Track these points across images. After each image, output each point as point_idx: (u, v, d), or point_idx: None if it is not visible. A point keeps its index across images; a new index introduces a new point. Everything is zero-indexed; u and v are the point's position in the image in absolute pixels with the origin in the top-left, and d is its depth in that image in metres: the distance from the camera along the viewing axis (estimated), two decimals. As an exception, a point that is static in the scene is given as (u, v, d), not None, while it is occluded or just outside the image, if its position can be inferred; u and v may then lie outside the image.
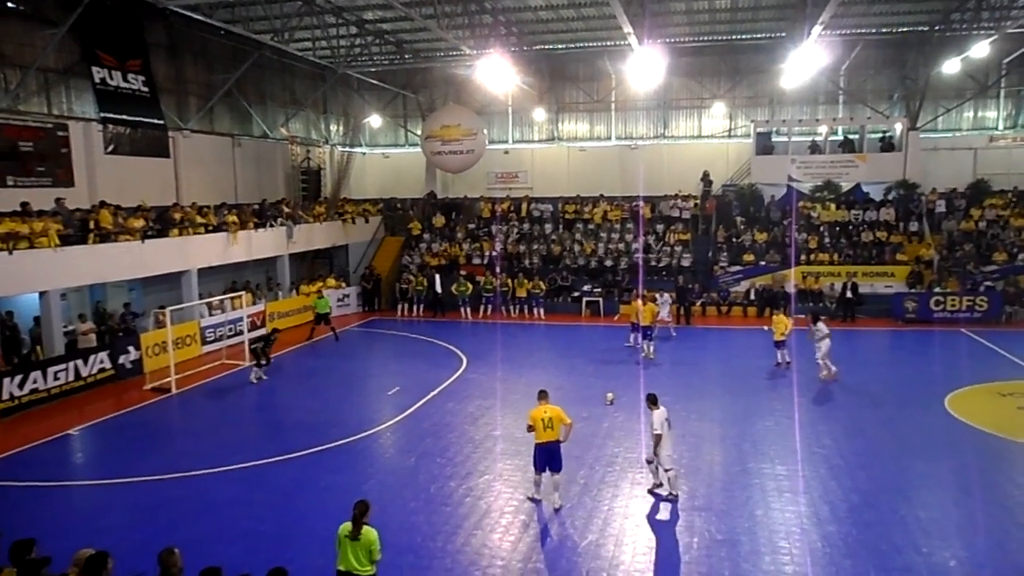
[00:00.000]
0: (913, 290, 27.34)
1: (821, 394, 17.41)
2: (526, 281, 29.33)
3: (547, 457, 11.33)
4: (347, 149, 37.59)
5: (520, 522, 11.01)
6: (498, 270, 30.30)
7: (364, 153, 39.27)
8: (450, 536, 10.55)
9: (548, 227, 33.90)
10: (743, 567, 9.53)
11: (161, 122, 25.09)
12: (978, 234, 29.57)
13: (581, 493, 12.01)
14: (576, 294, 29.63)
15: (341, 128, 37.90)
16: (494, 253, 31.70)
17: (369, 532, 7.61)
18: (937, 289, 26.92)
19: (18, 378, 17.04)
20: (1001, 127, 32.65)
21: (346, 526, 7.66)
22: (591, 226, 33.55)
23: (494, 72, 24.09)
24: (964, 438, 14.42)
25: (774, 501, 11.54)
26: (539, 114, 35.22)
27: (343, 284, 30.95)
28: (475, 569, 9.58)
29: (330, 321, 25.02)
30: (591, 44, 31.94)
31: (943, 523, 10.70)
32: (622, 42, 25.04)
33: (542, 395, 11.70)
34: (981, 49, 26.06)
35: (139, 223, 21.23)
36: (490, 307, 29.00)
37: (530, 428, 11.45)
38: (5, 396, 16.66)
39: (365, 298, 30.48)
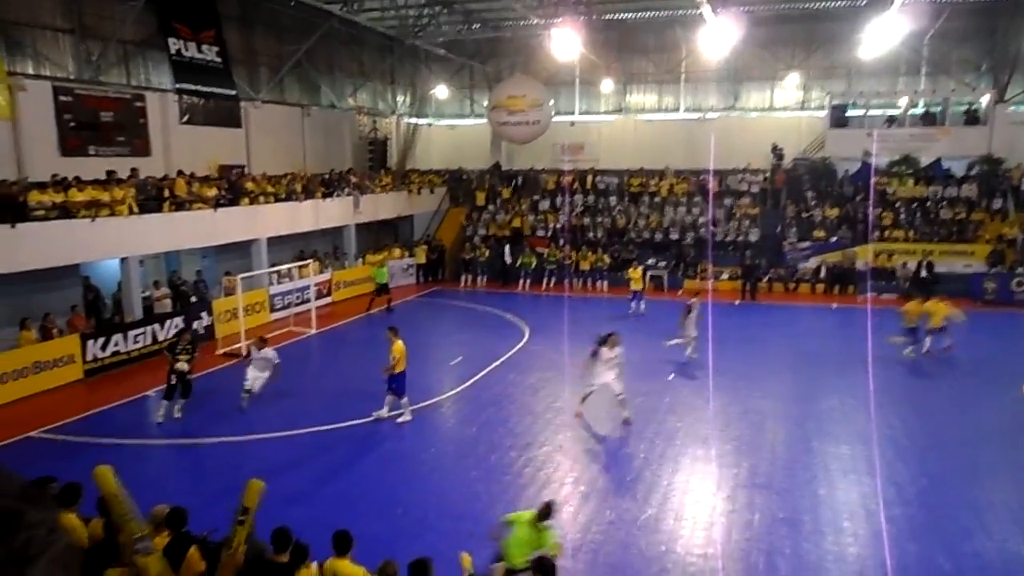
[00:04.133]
0: (994, 270, 26.25)
1: (891, 376, 16.90)
2: (590, 254, 29.17)
3: None
4: (413, 120, 37.82)
5: (580, 493, 11.06)
6: (562, 243, 30.21)
7: (430, 124, 39.41)
8: (509, 505, 10.58)
9: (613, 200, 33.58)
10: (804, 547, 9.40)
11: (233, 92, 25.59)
12: (1068, 212, 28.16)
13: (642, 467, 11.98)
14: (640, 267, 29.29)
15: (408, 99, 38.12)
16: (559, 225, 31.60)
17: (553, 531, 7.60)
18: (1020, 270, 25.79)
19: (101, 340, 17.81)
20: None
21: (523, 514, 7.63)
22: (657, 199, 33.11)
23: (562, 42, 23.82)
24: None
25: (838, 481, 11.33)
26: (607, 85, 34.72)
27: (408, 254, 31.20)
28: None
29: (388, 291, 25.07)
30: (661, 13, 31.32)
31: (1018, 510, 10.33)
32: (693, 11, 24.45)
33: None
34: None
35: (211, 192, 21.83)
36: (553, 279, 28.99)
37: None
38: (89, 357, 17.45)
39: (427, 269, 30.68)
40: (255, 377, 14.79)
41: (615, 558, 9.24)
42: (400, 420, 13.94)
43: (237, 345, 19.33)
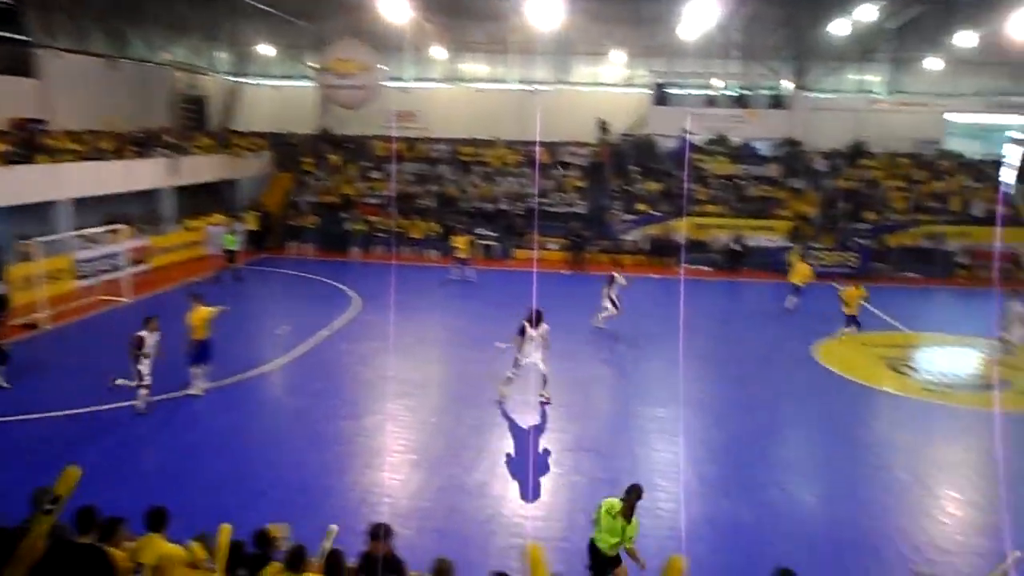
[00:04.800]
0: (793, 244, 28.62)
1: (705, 343, 18.05)
2: (420, 222, 29.03)
3: None
4: (235, 79, 35.82)
5: (409, 462, 11.08)
6: (393, 211, 29.82)
7: (256, 84, 37.53)
8: (340, 475, 10.55)
9: (445, 168, 33.52)
10: (622, 504, 9.92)
11: (26, 38, 23.11)
12: (854, 193, 31.12)
13: (469, 434, 12.17)
14: (470, 237, 29.44)
15: (230, 56, 36.03)
16: (388, 193, 31.15)
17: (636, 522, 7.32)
18: (814, 244, 28.30)
19: None
20: (881, 91, 34.23)
21: (613, 503, 7.32)
22: (488, 169, 33.39)
23: (392, 5, 23.34)
24: (829, 385, 15.36)
25: (655, 442, 12.03)
26: (438, 52, 34.42)
27: (235, 220, 29.54)
28: (364, 506, 9.59)
29: (235, 259, 23.92)
30: (491, -20, 31.31)
31: (805, 463, 11.44)
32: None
33: None
34: (868, 12, 27.05)
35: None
36: (382, 247, 28.59)
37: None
38: None
39: (252, 235, 29.29)
40: None
41: (443, 523, 9.35)
42: (192, 391, 13.24)
43: (36, 316, 17.70)
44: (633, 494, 7.23)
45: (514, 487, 10.39)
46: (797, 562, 5.84)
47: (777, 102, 33.25)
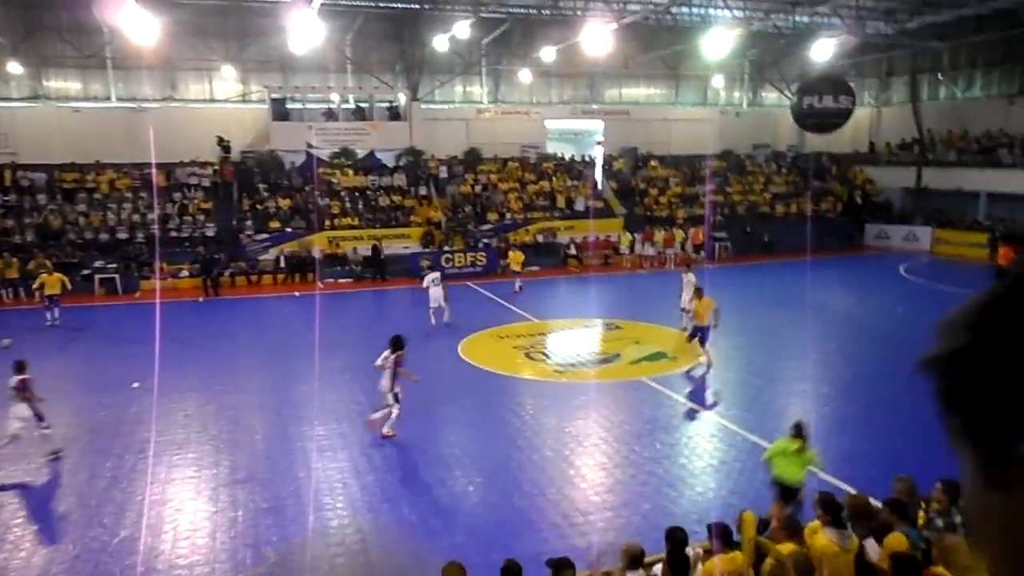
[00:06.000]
0: (427, 250, 30.00)
1: (349, 355, 18.07)
2: (15, 261, 25.16)
3: None
4: None
5: (33, 533, 9.53)
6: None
7: None
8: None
9: (42, 198, 29.38)
10: (290, 529, 9.56)
11: None
12: (475, 197, 33.53)
13: (109, 487, 10.83)
14: (86, 271, 26.27)
15: None
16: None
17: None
18: (446, 248, 29.95)
19: None
20: (485, 101, 37.28)
21: (786, 445, 8.61)
22: (97, 196, 29.98)
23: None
24: (474, 379, 16.33)
25: (316, 461, 11.76)
26: (14, 68, 30.03)
27: None
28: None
29: None
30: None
31: (463, 457, 12.01)
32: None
33: None
34: (463, 29, 29.28)
35: None
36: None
37: None
38: None
39: None
40: None
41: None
42: None
43: None
44: (801, 430, 8.59)
45: (167, 537, 9.43)
46: (471, 545, 6.10)
47: (395, 113, 34.52)
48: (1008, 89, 34.26)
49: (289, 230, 29.72)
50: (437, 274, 20.83)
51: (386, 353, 12.92)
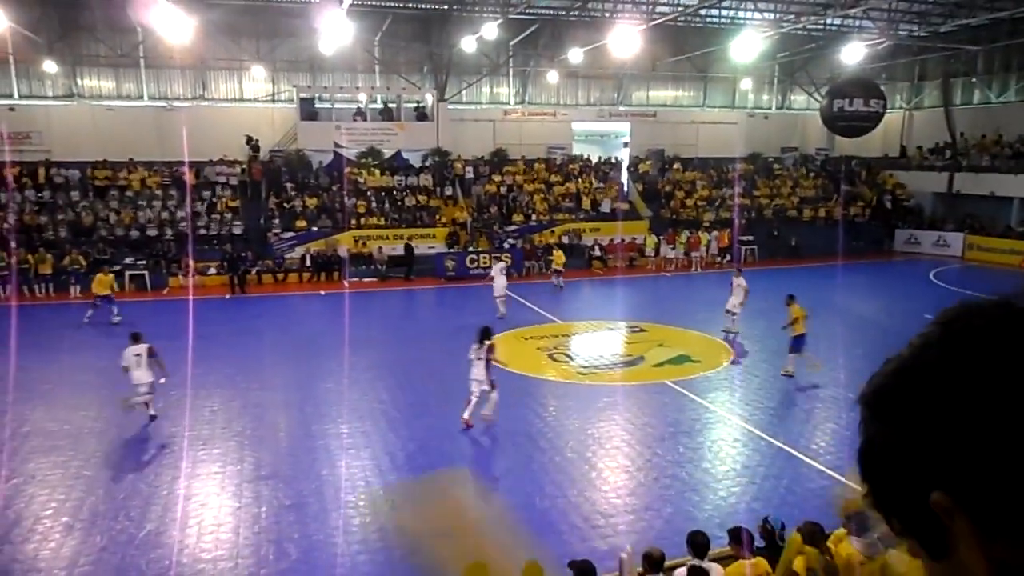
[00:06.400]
0: (451, 250, 30.07)
1: (374, 353, 18.22)
2: (49, 256, 25.59)
3: None
4: None
5: (63, 525, 9.67)
6: (13, 245, 25.83)
7: None
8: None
9: (75, 195, 29.86)
10: (312, 527, 9.62)
11: None
12: (501, 198, 33.56)
13: (136, 480, 10.97)
14: (117, 268, 26.62)
15: None
16: (6, 225, 26.95)
17: None
18: (471, 248, 30.00)
19: None
20: (512, 102, 37.30)
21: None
22: (128, 193, 30.41)
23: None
24: (501, 381, 16.25)
25: (339, 459, 11.83)
26: (50, 66, 30.54)
27: None
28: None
29: None
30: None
31: (484, 458, 12.04)
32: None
33: None
34: (491, 30, 29.33)
35: None
36: (7, 287, 24.65)
37: None
38: None
39: None
40: None
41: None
42: None
43: None
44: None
45: (192, 531, 9.54)
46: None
47: (422, 114, 34.66)
48: (1044, 93, 33.69)
49: (315, 229, 29.93)
50: (503, 264, 21.10)
51: (475, 345, 13.20)
